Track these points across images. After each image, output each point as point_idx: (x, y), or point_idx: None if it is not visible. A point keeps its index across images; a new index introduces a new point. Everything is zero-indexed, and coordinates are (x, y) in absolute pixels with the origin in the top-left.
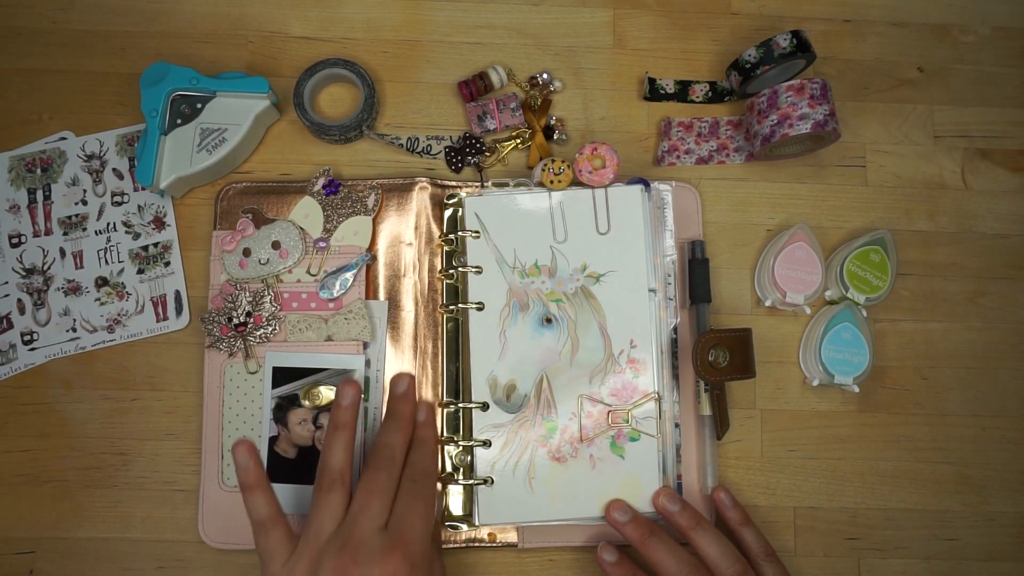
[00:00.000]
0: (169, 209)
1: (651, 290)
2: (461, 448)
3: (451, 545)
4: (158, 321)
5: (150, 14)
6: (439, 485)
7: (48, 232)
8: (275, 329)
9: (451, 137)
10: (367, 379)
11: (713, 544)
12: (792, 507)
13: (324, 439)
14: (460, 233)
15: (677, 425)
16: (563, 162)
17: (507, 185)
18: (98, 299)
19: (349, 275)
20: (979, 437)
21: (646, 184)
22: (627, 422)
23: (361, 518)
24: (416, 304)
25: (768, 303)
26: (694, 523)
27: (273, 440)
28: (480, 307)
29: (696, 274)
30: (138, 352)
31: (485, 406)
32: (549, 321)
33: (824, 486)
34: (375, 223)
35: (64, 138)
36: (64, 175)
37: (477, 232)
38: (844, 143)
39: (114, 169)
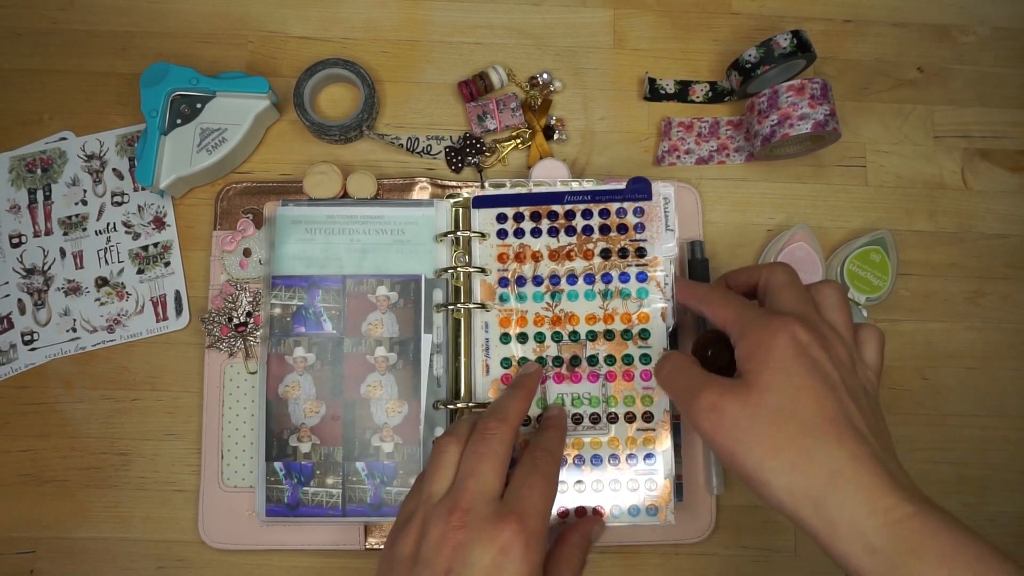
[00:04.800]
0: (169, 209)
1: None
2: None
3: None
4: (158, 321)
5: (150, 14)
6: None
7: (48, 232)
8: None
9: (451, 137)
10: None
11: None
12: None
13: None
14: (466, 233)
15: (677, 424)
16: None
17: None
18: (98, 299)
19: None
20: (979, 437)
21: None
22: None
23: (470, 482)
24: None
25: None
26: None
27: None
28: (483, 307)
29: (696, 274)
30: (138, 352)
31: (487, 406)
32: None
33: None
34: None
35: (64, 138)
36: (64, 175)
37: (485, 234)
38: (844, 143)
39: (114, 169)
